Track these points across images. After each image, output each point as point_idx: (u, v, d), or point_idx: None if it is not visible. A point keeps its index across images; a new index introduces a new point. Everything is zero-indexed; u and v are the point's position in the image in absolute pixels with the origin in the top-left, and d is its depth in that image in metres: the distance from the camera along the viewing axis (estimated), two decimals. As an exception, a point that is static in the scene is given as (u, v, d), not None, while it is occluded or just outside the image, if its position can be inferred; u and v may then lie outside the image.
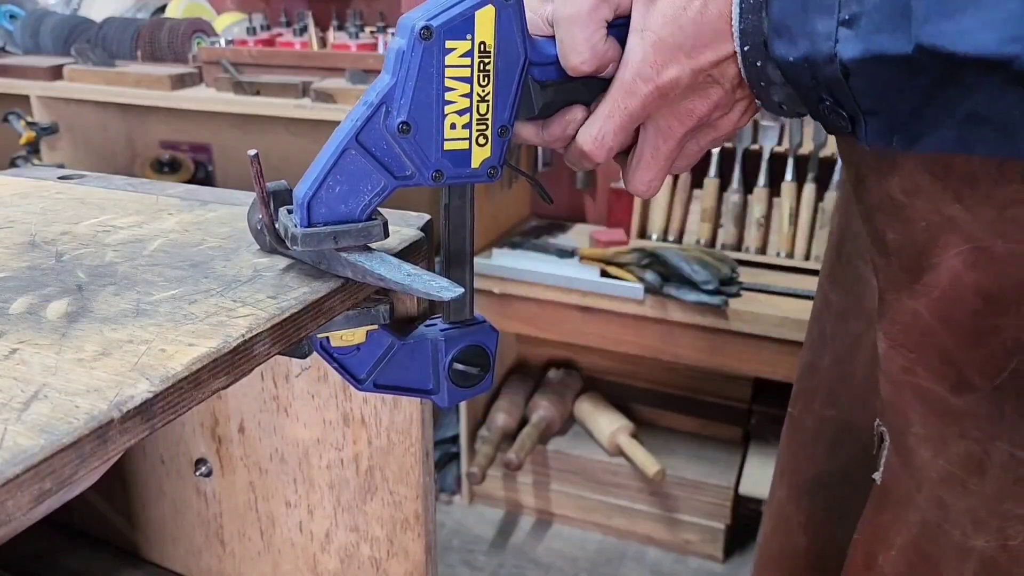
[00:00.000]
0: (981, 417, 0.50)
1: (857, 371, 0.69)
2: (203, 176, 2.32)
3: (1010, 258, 0.46)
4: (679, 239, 1.86)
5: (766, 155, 1.77)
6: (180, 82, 1.95)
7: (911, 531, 0.55)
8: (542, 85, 0.48)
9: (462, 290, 0.46)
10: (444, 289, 0.45)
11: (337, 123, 0.48)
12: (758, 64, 0.43)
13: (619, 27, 0.47)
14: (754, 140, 1.80)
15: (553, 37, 0.48)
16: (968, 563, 0.53)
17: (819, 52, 0.40)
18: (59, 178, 0.74)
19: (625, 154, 0.52)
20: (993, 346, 0.49)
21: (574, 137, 0.51)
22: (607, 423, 1.84)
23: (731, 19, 0.43)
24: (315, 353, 0.51)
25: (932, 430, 0.53)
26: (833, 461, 0.73)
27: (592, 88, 0.49)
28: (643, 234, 1.88)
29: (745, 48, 0.43)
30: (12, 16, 2.40)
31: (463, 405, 1.83)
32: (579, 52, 0.46)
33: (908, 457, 0.54)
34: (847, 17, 0.39)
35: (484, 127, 0.47)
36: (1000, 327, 0.48)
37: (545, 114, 0.50)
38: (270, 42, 2.04)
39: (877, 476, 0.57)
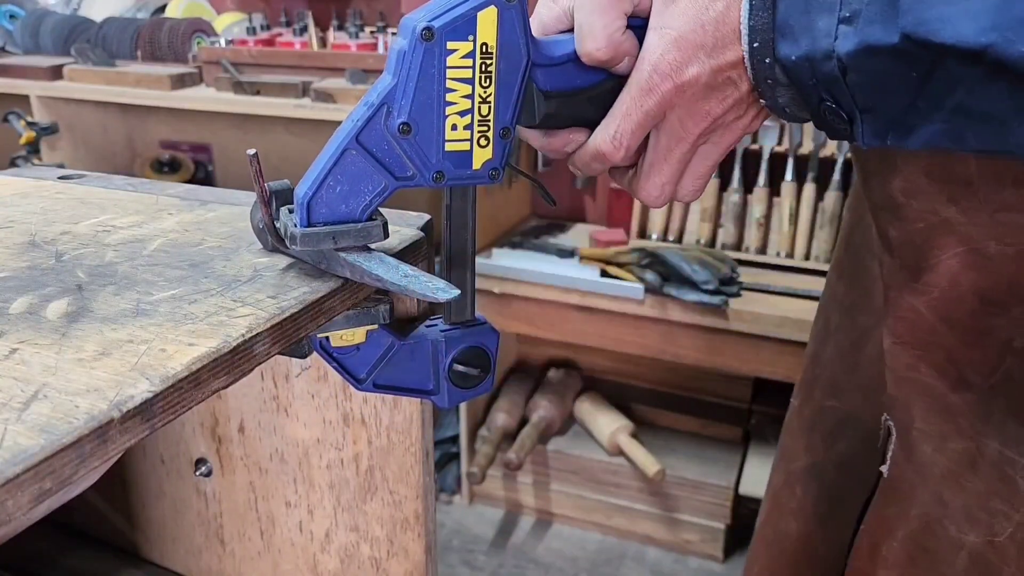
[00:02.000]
0: (976, 415, 0.51)
1: (862, 364, 0.69)
2: (203, 176, 2.33)
3: (1002, 260, 0.46)
4: (679, 239, 1.87)
5: (766, 155, 1.78)
6: (180, 82, 1.95)
7: (912, 524, 0.56)
8: (546, 95, 0.48)
9: (458, 291, 0.46)
10: (441, 290, 0.45)
11: (337, 123, 0.48)
12: (766, 61, 0.43)
13: (637, 28, 0.47)
14: (754, 140, 1.80)
15: (562, 33, 0.48)
16: (960, 557, 0.54)
17: (818, 49, 0.40)
18: (59, 178, 0.74)
19: (629, 168, 0.52)
20: (988, 346, 0.50)
21: (572, 153, 0.51)
22: (607, 423, 1.84)
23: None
24: (315, 353, 0.51)
25: (933, 427, 0.53)
26: (830, 451, 0.74)
27: (597, 105, 0.48)
28: (643, 234, 1.88)
29: (754, 45, 0.42)
30: (12, 16, 2.40)
31: (463, 405, 1.83)
32: (596, 38, 0.46)
33: (912, 452, 0.55)
34: (847, 14, 0.39)
35: (486, 128, 0.47)
36: (994, 328, 0.49)
37: (546, 124, 0.49)
38: (270, 42, 2.04)
39: (884, 469, 0.58)
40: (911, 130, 0.40)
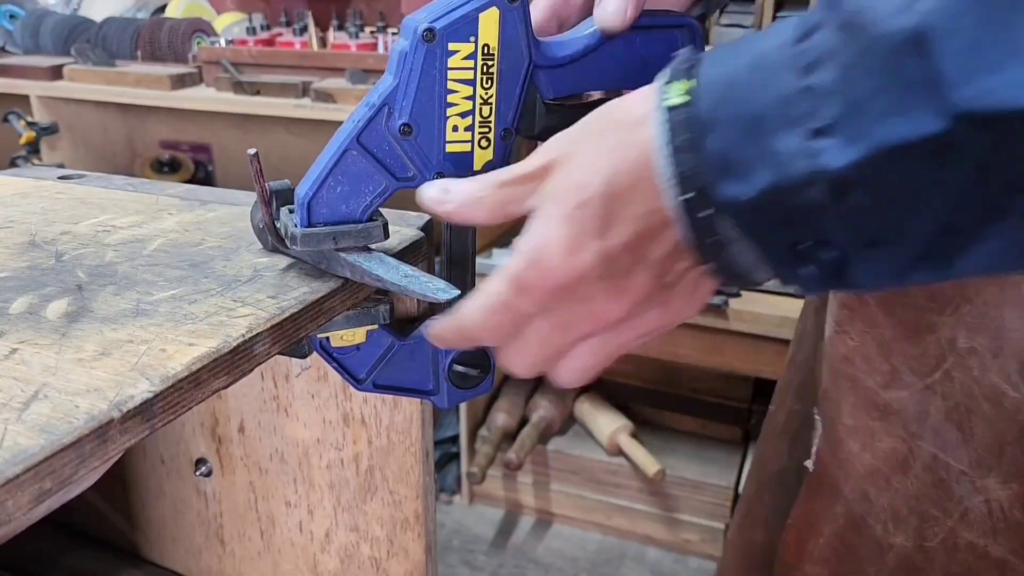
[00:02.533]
0: (908, 415, 0.51)
1: (821, 365, 0.69)
2: (203, 176, 2.33)
3: None
4: (679, 239, 1.86)
5: (766, 155, 1.77)
6: (180, 82, 1.95)
7: (837, 522, 0.56)
8: (548, 107, 0.48)
9: (458, 292, 0.46)
10: (441, 291, 0.45)
11: (337, 123, 0.48)
12: (706, 215, 0.32)
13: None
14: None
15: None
16: (887, 558, 0.54)
17: (791, 175, 0.29)
18: (59, 178, 0.74)
19: None
20: (929, 344, 0.49)
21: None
22: (607, 423, 1.84)
23: (655, 168, 0.33)
24: (315, 353, 0.51)
25: (861, 423, 0.53)
26: (793, 456, 0.74)
27: None
28: (643, 234, 1.88)
29: (686, 197, 0.32)
30: (12, 16, 2.40)
31: (463, 405, 1.83)
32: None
33: (837, 448, 0.55)
34: (822, 125, 0.28)
35: (487, 130, 0.47)
36: (937, 325, 0.48)
37: (544, 137, 0.49)
38: (270, 42, 2.04)
39: (809, 464, 0.58)
40: (954, 256, 0.29)
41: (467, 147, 0.47)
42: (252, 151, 0.46)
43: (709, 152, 0.31)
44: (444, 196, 0.42)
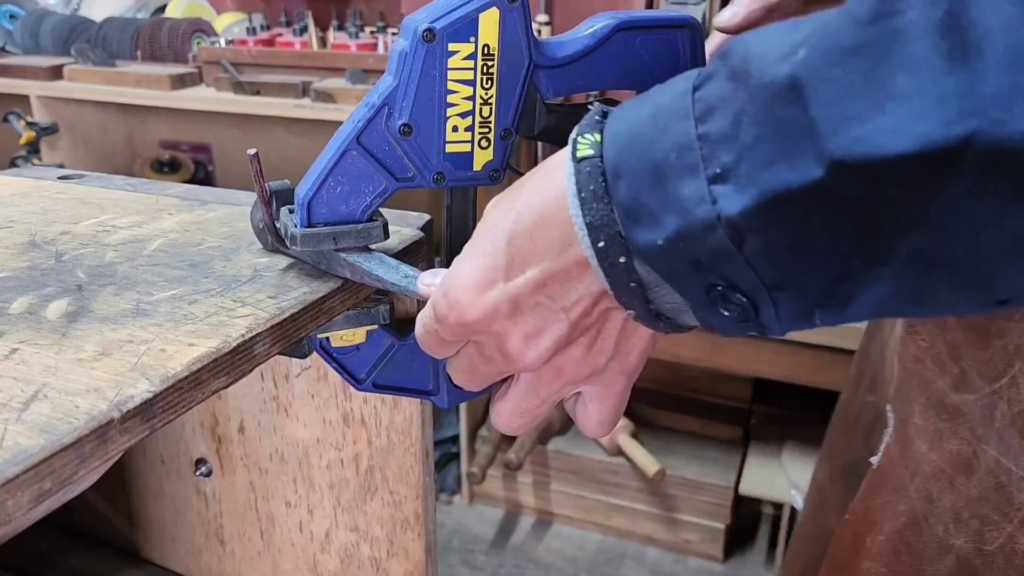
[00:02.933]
0: (975, 419, 0.51)
1: (892, 357, 0.70)
2: (203, 176, 2.33)
3: None
4: (679, 239, 1.86)
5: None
6: (180, 82, 1.95)
7: (899, 520, 0.56)
8: (548, 107, 0.48)
9: None
10: None
11: (337, 123, 0.48)
12: (621, 261, 0.33)
13: None
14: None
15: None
16: (947, 559, 0.54)
17: (694, 221, 0.30)
18: (59, 178, 0.74)
19: None
20: (996, 349, 0.49)
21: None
22: (607, 423, 1.84)
23: (565, 213, 0.34)
24: (315, 353, 0.51)
25: (930, 423, 0.53)
26: (867, 447, 0.74)
27: None
28: (643, 234, 1.88)
29: (600, 245, 0.33)
30: (12, 16, 2.40)
31: (463, 405, 1.83)
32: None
33: (906, 446, 0.55)
34: (718, 171, 0.29)
35: (487, 130, 0.47)
36: (1007, 330, 0.48)
37: (544, 137, 0.49)
38: (270, 42, 2.04)
39: (875, 460, 0.58)
40: (847, 300, 0.30)
41: (467, 147, 0.47)
42: (252, 151, 0.46)
43: (618, 201, 0.32)
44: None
